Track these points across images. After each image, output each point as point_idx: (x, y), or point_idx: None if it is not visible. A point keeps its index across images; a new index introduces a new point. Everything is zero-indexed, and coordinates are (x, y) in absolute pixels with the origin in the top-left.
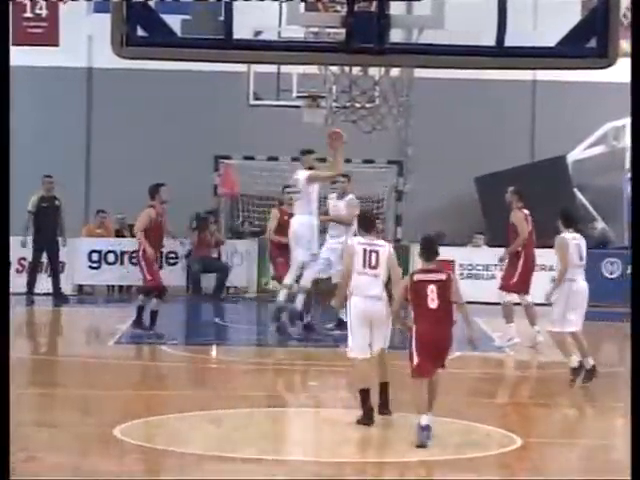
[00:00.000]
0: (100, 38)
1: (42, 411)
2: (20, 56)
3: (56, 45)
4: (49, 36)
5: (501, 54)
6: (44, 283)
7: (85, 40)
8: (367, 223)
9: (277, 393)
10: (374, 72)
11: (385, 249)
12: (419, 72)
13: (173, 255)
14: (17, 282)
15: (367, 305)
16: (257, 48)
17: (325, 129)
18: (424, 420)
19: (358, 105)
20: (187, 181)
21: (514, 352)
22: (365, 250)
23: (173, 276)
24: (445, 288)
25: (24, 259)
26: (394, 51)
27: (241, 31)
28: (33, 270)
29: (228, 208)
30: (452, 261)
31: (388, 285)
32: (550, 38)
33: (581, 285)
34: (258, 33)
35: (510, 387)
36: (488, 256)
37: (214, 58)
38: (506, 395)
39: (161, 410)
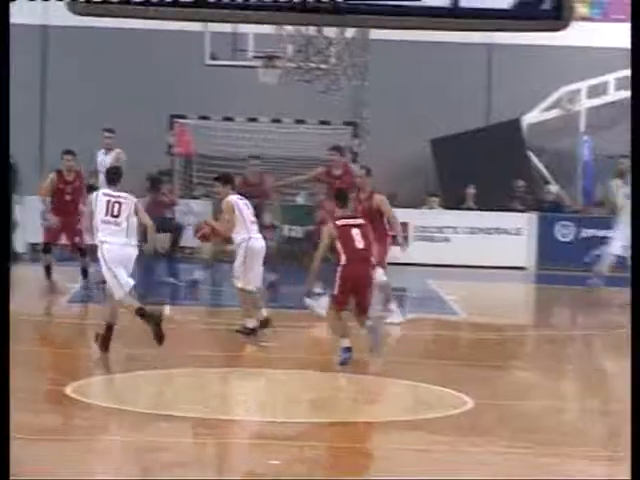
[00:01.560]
0: None
1: None
2: None
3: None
4: None
5: (456, 15)
6: None
7: None
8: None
9: (229, 353)
10: (330, 32)
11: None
12: (375, 33)
13: None
14: None
15: None
16: (213, 6)
17: (280, 89)
18: (345, 343)
19: (313, 65)
20: (142, 140)
21: (468, 314)
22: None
23: None
24: (365, 231)
25: None
26: (350, 11)
27: None
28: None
29: (182, 168)
30: (406, 223)
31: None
32: (505, 0)
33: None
34: None
35: (463, 349)
36: (442, 219)
37: (169, 17)
38: (458, 357)
39: (112, 368)
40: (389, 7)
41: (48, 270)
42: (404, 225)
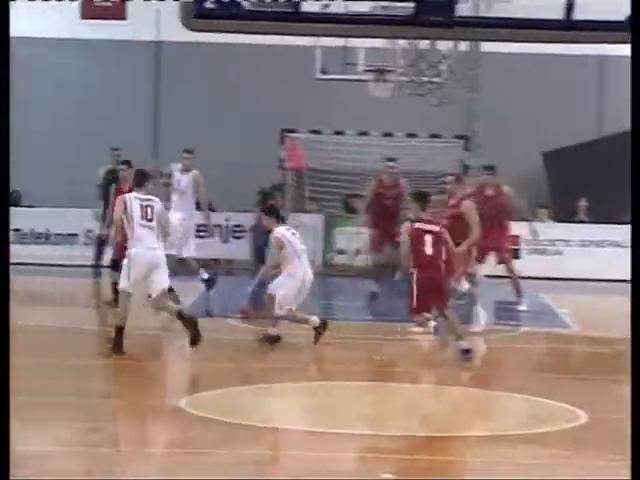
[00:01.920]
0: (168, 11)
1: (108, 382)
2: (90, 30)
3: (123, 19)
4: (117, 10)
5: (569, 28)
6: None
7: (153, 13)
8: None
9: (340, 367)
10: (442, 46)
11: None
12: (486, 46)
13: (239, 228)
14: (86, 255)
15: None
16: (325, 21)
17: (392, 103)
18: (464, 345)
19: (425, 79)
20: (253, 155)
21: (580, 327)
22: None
23: (239, 249)
24: (439, 239)
25: (91, 231)
26: (462, 24)
27: (309, 4)
28: (100, 243)
29: (294, 182)
30: (517, 236)
31: None
32: (619, 12)
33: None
34: (326, 6)
35: (575, 363)
36: (554, 231)
37: (281, 31)
38: (571, 370)
39: (226, 382)
40: (502, 20)
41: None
42: (515, 237)
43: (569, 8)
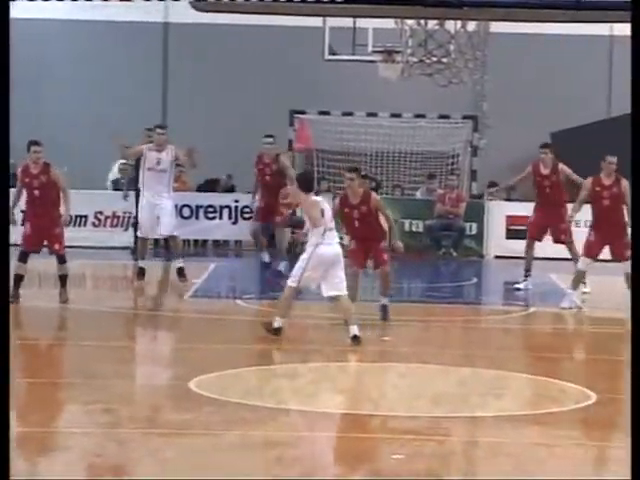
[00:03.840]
0: None
1: (119, 364)
2: (97, 10)
3: (131, 0)
4: None
5: (578, 8)
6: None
7: None
8: None
9: (347, 348)
10: (450, 26)
11: None
12: (495, 26)
13: (248, 210)
14: (95, 236)
15: None
16: (333, 1)
17: (400, 83)
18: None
19: (434, 59)
20: (262, 135)
21: (590, 308)
22: None
23: (248, 230)
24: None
25: (101, 213)
26: (471, 4)
27: None
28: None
29: (303, 163)
30: (527, 216)
31: None
32: None
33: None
34: None
35: (585, 343)
36: None
37: (290, 11)
38: (580, 351)
39: (236, 363)
40: (509, 0)
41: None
42: (526, 218)
43: None
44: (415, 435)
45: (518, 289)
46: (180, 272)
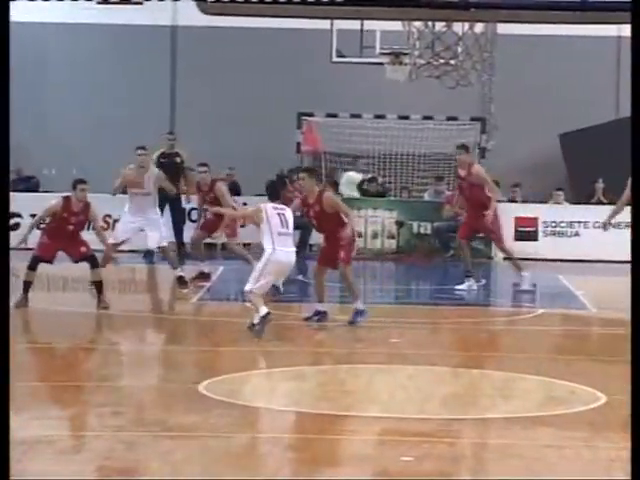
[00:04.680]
0: None
1: (127, 367)
2: (105, 14)
3: (139, 3)
4: None
5: (585, 9)
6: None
7: None
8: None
9: (359, 350)
10: (458, 28)
11: None
12: (503, 28)
13: None
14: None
15: None
16: (340, 3)
17: (408, 85)
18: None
19: (442, 61)
20: (270, 138)
21: (598, 309)
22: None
23: (255, 233)
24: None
25: (109, 216)
26: (478, 6)
27: None
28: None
29: (311, 165)
30: (535, 218)
31: None
32: None
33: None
34: None
35: (594, 344)
36: (571, 213)
37: (298, 14)
38: (589, 352)
39: (244, 366)
40: (518, 1)
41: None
42: (533, 220)
43: None
44: (425, 437)
45: (460, 290)
46: (180, 280)
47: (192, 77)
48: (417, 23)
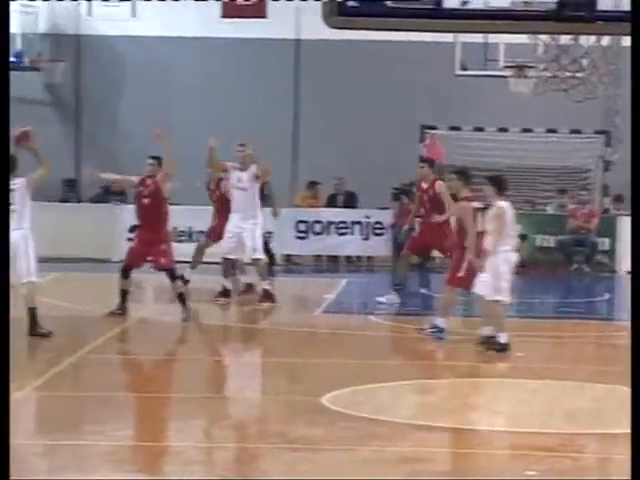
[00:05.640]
0: (307, 9)
1: (250, 379)
2: (231, 28)
3: (263, 17)
4: (257, 9)
5: None
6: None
7: (292, 12)
8: None
9: (483, 363)
10: (584, 41)
11: None
12: (627, 40)
13: (379, 225)
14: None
15: None
16: (465, 17)
17: (531, 98)
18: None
19: (568, 74)
20: (393, 151)
21: None
22: None
23: (379, 246)
24: None
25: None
26: (605, 19)
27: (449, 0)
28: None
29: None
30: None
31: None
32: None
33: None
34: (466, 2)
35: None
36: None
37: (422, 28)
38: None
39: (367, 379)
40: None
41: None
42: None
43: None
44: (549, 452)
45: (380, 302)
46: (265, 293)
47: (315, 91)
48: (543, 36)
